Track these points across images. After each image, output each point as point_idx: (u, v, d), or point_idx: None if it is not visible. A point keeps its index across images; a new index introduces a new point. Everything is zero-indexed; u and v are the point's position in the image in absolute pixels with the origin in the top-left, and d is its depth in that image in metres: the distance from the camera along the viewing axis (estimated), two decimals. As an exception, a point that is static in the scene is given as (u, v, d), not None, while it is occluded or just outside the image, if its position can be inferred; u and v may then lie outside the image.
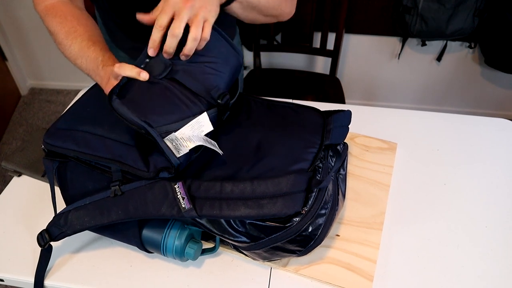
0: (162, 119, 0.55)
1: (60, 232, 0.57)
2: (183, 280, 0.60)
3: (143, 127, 0.53)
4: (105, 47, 0.66)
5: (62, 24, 0.68)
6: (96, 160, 0.57)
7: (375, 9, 1.69)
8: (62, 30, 0.67)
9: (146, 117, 0.54)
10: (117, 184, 0.56)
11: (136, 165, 0.55)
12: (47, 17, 0.70)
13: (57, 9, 0.70)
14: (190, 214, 0.53)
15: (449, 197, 0.72)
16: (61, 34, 0.67)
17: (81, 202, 0.57)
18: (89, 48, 0.65)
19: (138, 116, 0.53)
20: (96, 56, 0.64)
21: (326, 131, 0.63)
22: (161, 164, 0.55)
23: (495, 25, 1.58)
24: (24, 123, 2.12)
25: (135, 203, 0.55)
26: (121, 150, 0.56)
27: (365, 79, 2.00)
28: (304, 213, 0.53)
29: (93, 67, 0.64)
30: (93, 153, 0.57)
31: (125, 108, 0.53)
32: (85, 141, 0.58)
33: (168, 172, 0.54)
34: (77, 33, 0.66)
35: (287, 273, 0.61)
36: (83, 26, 0.68)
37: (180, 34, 0.55)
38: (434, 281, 0.59)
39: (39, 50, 2.18)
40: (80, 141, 0.58)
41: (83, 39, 0.66)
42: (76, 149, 0.58)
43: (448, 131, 0.85)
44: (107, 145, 0.57)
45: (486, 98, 1.98)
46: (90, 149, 0.57)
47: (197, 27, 0.55)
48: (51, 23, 0.69)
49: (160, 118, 0.55)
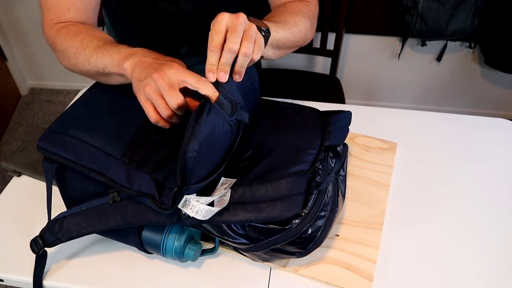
0: (198, 176, 0.51)
1: (55, 239, 0.57)
2: (183, 281, 0.60)
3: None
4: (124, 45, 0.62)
5: (74, 37, 0.65)
6: (80, 169, 0.55)
7: (375, 9, 1.69)
8: (76, 40, 0.64)
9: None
10: (115, 190, 0.55)
11: (119, 180, 0.53)
12: (59, 37, 0.66)
13: (69, 27, 0.67)
14: (190, 221, 0.52)
15: (449, 197, 0.72)
16: (75, 44, 0.64)
17: (78, 208, 0.56)
18: (107, 45, 0.61)
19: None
20: (117, 49, 0.60)
21: (326, 132, 0.63)
22: (146, 189, 0.52)
23: (495, 25, 1.58)
24: (24, 123, 2.12)
25: (134, 210, 0.54)
26: (106, 161, 0.55)
27: (365, 79, 2.00)
28: (303, 215, 0.52)
29: (113, 62, 0.60)
30: (77, 161, 0.55)
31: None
32: (73, 148, 0.56)
33: (152, 202, 0.51)
34: (92, 38, 0.64)
35: (286, 273, 0.60)
36: (97, 35, 0.65)
37: (237, 49, 0.51)
38: (434, 281, 0.59)
39: (39, 50, 2.18)
40: (68, 148, 0.56)
41: (98, 40, 0.63)
42: (64, 155, 0.56)
43: (448, 131, 0.85)
44: (92, 154, 0.55)
45: (486, 98, 1.98)
46: (76, 157, 0.56)
47: (248, 42, 0.52)
48: (63, 41, 0.66)
49: (199, 174, 0.51)
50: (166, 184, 0.52)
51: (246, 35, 0.52)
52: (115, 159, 0.55)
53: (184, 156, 0.45)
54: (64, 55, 0.66)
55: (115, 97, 0.65)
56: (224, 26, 0.52)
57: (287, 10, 0.72)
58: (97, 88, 0.68)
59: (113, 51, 0.60)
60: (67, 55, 0.66)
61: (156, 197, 0.51)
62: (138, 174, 0.53)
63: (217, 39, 0.51)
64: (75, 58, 0.64)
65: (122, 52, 0.59)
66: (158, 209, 0.50)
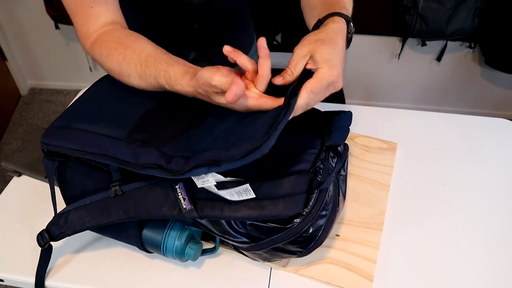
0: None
1: (60, 232, 0.57)
2: (183, 280, 0.60)
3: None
4: (164, 59, 0.58)
5: (110, 57, 0.62)
6: (85, 156, 0.55)
7: (375, 9, 1.69)
8: (113, 63, 0.61)
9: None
10: (117, 184, 0.55)
11: (124, 158, 0.53)
12: (95, 55, 0.65)
13: (100, 41, 0.63)
14: (191, 215, 0.53)
15: (449, 197, 0.72)
16: (114, 68, 0.62)
17: (81, 202, 0.57)
18: (149, 69, 0.58)
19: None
20: (173, 72, 0.56)
21: (327, 132, 0.63)
22: (152, 160, 0.52)
23: (495, 25, 1.58)
24: (24, 123, 2.12)
25: (136, 203, 0.55)
26: (111, 144, 0.55)
27: (365, 79, 2.00)
28: (305, 214, 0.52)
29: (169, 81, 0.57)
30: (83, 149, 0.56)
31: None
32: (78, 138, 0.57)
33: (161, 170, 0.50)
34: (128, 60, 0.60)
35: (287, 273, 0.61)
36: (131, 50, 0.60)
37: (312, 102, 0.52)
38: (434, 281, 0.59)
39: (39, 50, 2.18)
40: (75, 139, 0.57)
41: (136, 64, 0.59)
42: (72, 147, 0.56)
43: (448, 131, 0.85)
44: (97, 141, 0.56)
45: (486, 98, 1.98)
46: (82, 145, 0.56)
47: (321, 99, 0.53)
48: (100, 59, 0.64)
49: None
50: (175, 154, 0.52)
51: (325, 94, 0.53)
52: (120, 140, 0.55)
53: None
54: (108, 72, 0.66)
55: (117, 93, 0.65)
56: (326, 82, 0.51)
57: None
58: (96, 87, 0.68)
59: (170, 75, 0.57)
60: (111, 74, 0.64)
61: (163, 166, 0.51)
62: (143, 150, 0.54)
63: (318, 87, 0.50)
64: (124, 81, 0.63)
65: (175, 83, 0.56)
66: (168, 176, 0.50)
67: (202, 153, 0.49)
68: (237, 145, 0.46)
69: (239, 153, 0.45)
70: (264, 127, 0.46)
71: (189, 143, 0.54)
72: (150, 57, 0.58)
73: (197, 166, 0.48)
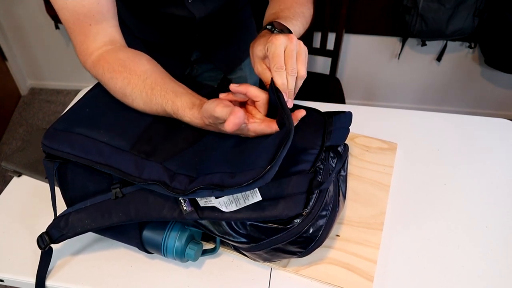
0: None
1: (60, 235, 0.57)
2: (184, 281, 0.60)
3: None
4: (171, 88, 0.58)
5: (113, 80, 0.61)
6: (88, 163, 0.55)
7: (375, 9, 1.69)
8: (116, 86, 0.61)
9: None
10: (118, 186, 0.55)
11: (128, 170, 0.53)
12: (98, 75, 0.64)
13: (103, 62, 0.62)
14: (191, 217, 0.53)
15: (449, 197, 0.72)
16: (117, 91, 0.61)
17: (82, 204, 0.57)
18: (155, 97, 0.58)
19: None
20: (176, 104, 0.57)
21: (327, 133, 0.63)
22: (156, 176, 0.52)
23: (495, 25, 1.58)
24: (24, 123, 2.12)
25: (137, 206, 0.55)
26: (114, 154, 0.55)
27: (365, 79, 2.00)
28: (305, 215, 0.52)
29: (175, 110, 0.57)
30: (85, 156, 0.56)
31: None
32: (80, 144, 0.57)
33: (164, 187, 0.51)
34: (132, 85, 0.59)
35: (287, 273, 0.61)
36: (136, 76, 0.60)
37: (296, 73, 0.54)
38: (434, 281, 0.59)
39: (39, 50, 2.18)
40: (75, 144, 0.57)
41: (141, 90, 0.59)
42: (71, 152, 0.56)
43: (448, 131, 0.85)
44: (100, 149, 0.56)
45: (486, 98, 1.98)
46: (83, 152, 0.56)
47: (304, 65, 0.54)
48: (102, 80, 0.63)
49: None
50: (178, 171, 0.52)
51: (300, 58, 0.54)
52: (123, 151, 0.55)
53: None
54: (110, 92, 0.65)
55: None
56: (282, 50, 0.53)
57: (295, 0, 0.71)
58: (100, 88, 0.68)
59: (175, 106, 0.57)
60: (114, 95, 0.63)
61: (167, 183, 0.51)
62: (147, 164, 0.54)
63: (280, 61, 0.53)
64: (128, 103, 0.62)
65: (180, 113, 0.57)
66: (171, 194, 0.50)
67: (207, 175, 0.50)
68: (242, 171, 0.48)
69: (244, 181, 0.46)
70: (268, 154, 0.47)
71: (193, 159, 0.54)
72: (156, 85, 0.58)
73: (201, 188, 0.49)
